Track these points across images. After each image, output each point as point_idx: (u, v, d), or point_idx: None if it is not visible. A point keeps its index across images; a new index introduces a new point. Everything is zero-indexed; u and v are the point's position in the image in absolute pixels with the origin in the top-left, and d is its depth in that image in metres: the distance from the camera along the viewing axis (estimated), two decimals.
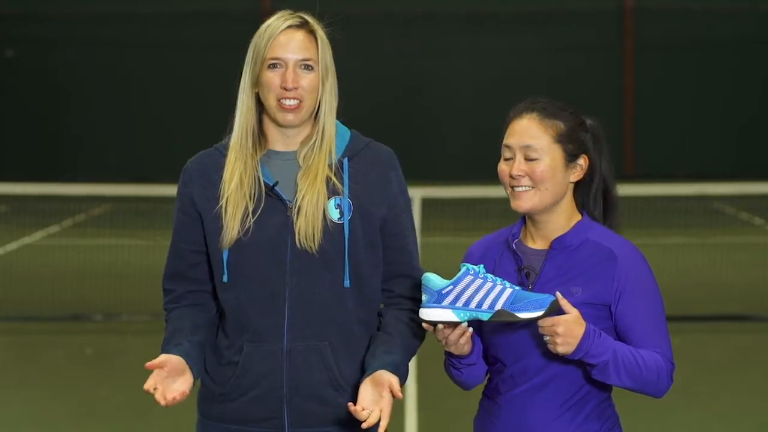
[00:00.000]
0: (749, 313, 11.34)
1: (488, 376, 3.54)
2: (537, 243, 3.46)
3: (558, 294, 3.26)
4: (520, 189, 3.39)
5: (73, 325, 11.06)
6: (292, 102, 3.39)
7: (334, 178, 3.41)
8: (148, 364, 3.28)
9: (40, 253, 15.48)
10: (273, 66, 3.40)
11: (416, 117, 25.96)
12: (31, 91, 26.04)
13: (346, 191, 3.41)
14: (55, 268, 13.46)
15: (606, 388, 3.43)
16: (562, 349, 3.25)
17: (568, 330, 3.23)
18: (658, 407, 4.85)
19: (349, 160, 3.44)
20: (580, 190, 3.49)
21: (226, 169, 3.41)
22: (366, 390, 3.32)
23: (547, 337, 3.25)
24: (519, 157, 3.39)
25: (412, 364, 9.11)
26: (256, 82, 3.43)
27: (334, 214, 3.39)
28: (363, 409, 3.26)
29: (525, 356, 3.40)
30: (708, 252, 14.22)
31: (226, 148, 3.45)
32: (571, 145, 3.40)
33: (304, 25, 3.42)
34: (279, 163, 3.43)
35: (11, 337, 10.72)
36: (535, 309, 3.20)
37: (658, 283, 3.45)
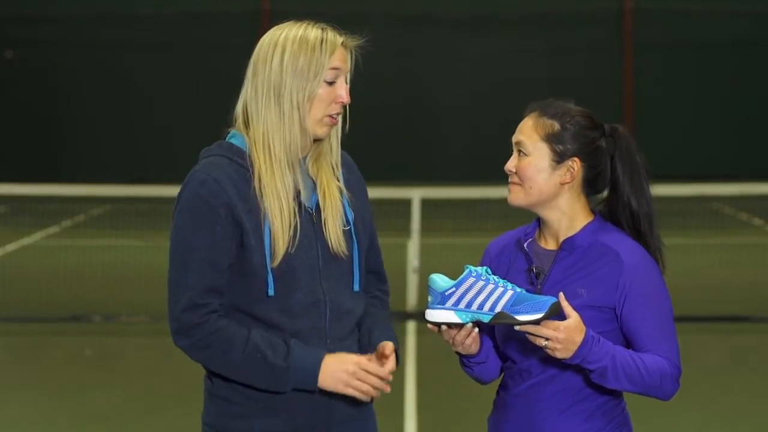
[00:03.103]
0: (749, 314, 11.34)
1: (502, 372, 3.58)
2: (549, 243, 3.49)
3: (561, 295, 3.27)
4: (511, 184, 3.45)
5: (73, 326, 11.06)
6: (338, 115, 3.40)
7: (341, 186, 3.46)
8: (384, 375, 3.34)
9: (39, 253, 15.48)
10: (331, 81, 3.37)
11: (417, 117, 25.96)
12: (31, 92, 26.04)
13: (346, 199, 3.46)
14: (54, 269, 13.47)
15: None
16: (559, 354, 3.27)
17: (568, 336, 3.24)
18: (658, 407, 4.85)
19: (341, 168, 3.49)
20: (609, 201, 3.49)
21: (268, 181, 3.34)
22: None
23: (545, 342, 3.26)
24: (514, 153, 3.46)
25: (411, 366, 9.12)
26: (311, 96, 3.35)
27: (343, 222, 3.45)
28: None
29: (531, 354, 3.42)
30: (707, 252, 14.23)
31: (244, 159, 3.38)
32: (562, 146, 3.41)
33: (344, 40, 3.42)
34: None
35: (10, 338, 10.71)
36: (535, 311, 3.22)
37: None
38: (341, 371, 3.32)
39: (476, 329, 3.37)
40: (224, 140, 3.44)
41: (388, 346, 3.37)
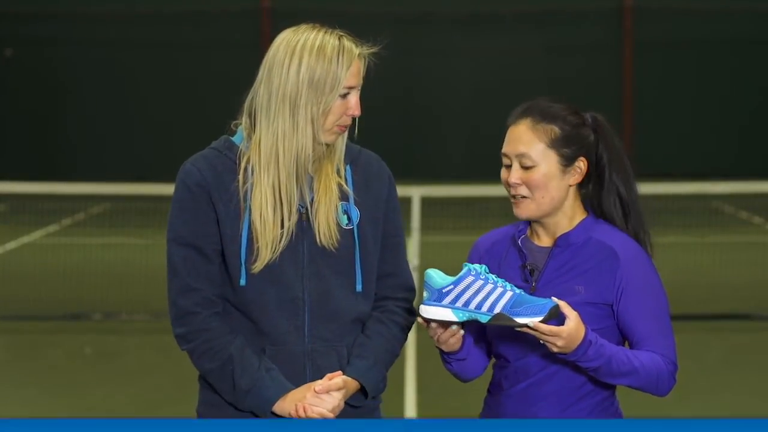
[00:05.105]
0: (748, 312, 11.34)
1: (492, 371, 3.56)
2: (542, 240, 3.47)
3: (560, 302, 3.26)
4: (518, 197, 3.40)
5: (73, 324, 11.06)
6: (347, 125, 3.40)
7: (342, 183, 3.43)
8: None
9: (39, 252, 15.47)
10: (345, 94, 3.36)
11: (416, 116, 25.94)
12: (30, 91, 26.02)
13: (352, 197, 3.43)
14: (54, 268, 13.45)
15: (609, 385, 3.44)
16: (557, 350, 3.28)
17: (567, 343, 3.24)
18: (656, 405, 4.85)
19: (351, 167, 3.46)
20: (595, 192, 3.49)
21: (260, 183, 3.35)
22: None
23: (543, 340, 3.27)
24: (515, 165, 3.40)
25: (411, 366, 9.11)
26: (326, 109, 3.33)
27: (342, 220, 3.42)
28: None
29: (528, 353, 3.42)
30: (707, 251, 14.22)
31: (235, 154, 3.39)
32: (567, 149, 3.39)
33: (360, 51, 3.40)
34: None
35: (10, 337, 10.71)
36: (534, 314, 3.20)
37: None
38: (300, 395, 3.33)
39: (462, 331, 3.36)
40: (228, 136, 3.46)
41: (316, 384, 3.35)
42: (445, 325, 3.32)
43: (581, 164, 3.42)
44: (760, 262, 13.87)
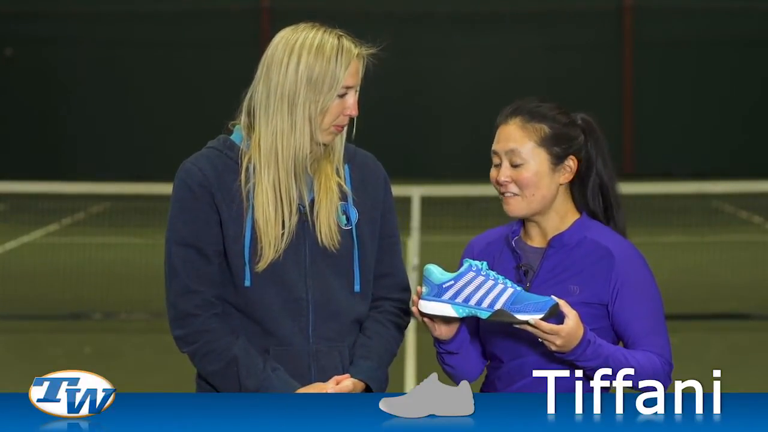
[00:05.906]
0: (748, 312, 11.34)
1: (485, 372, 3.55)
2: (536, 241, 3.48)
3: (559, 300, 3.25)
4: (508, 195, 3.42)
5: (72, 323, 11.06)
6: (344, 124, 3.39)
7: (342, 183, 3.43)
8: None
9: (39, 251, 15.47)
10: (343, 95, 3.35)
11: (416, 116, 25.95)
12: (30, 90, 26.03)
13: (351, 198, 3.43)
14: (54, 267, 13.45)
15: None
16: (555, 349, 3.27)
17: (566, 342, 3.24)
18: None
19: (348, 166, 3.46)
20: (579, 188, 3.49)
21: (261, 182, 3.34)
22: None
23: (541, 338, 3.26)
24: (505, 163, 3.41)
25: (411, 366, 9.12)
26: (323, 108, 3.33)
27: (341, 220, 3.42)
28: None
29: (523, 354, 3.41)
30: (707, 250, 14.22)
31: (236, 153, 3.38)
32: (557, 148, 3.40)
33: (359, 51, 3.39)
34: None
35: (10, 336, 10.71)
36: (535, 312, 3.20)
37: (657, 283, 3.45)
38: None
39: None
40: (226, 135, 3.45)
41: (328, 385, 3.35)
42: (445, 320, 3.32)
43: (571, 163, 3.42)
44: (760, 261, 13.87)
